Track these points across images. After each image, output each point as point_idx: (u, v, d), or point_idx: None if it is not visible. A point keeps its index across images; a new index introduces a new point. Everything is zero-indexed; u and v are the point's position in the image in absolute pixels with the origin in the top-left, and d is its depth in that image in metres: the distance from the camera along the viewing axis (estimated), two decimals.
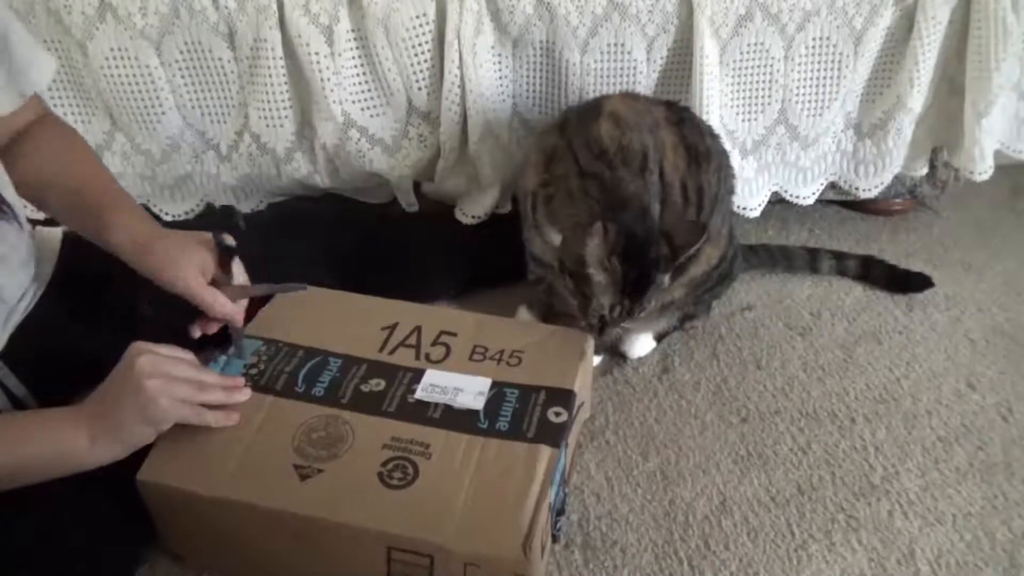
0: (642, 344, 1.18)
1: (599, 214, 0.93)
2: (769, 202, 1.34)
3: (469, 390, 0.88)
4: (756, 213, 1.32)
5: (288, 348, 0.93)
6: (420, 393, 0.87)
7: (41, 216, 1.27)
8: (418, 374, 0.90)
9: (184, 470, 0.80)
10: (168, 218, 1.32)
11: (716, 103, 1.19)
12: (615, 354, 1.18)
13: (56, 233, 1.03)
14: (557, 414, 0.85)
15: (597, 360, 1.17)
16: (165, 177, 1.28)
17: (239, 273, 0.92)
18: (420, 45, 1.15)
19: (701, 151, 1.05)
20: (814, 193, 1.35)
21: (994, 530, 0.91)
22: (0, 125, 0.89)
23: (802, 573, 0.87)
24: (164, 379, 0.77)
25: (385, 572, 0.77)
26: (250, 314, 0.95)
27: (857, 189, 1.34)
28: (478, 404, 0.86)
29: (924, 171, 1.36)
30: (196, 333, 0.90)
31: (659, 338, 1.19)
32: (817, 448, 1.02)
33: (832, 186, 1.36)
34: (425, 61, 1.16)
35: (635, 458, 1.02)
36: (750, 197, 1.31)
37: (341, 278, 1.08)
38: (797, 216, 1.48)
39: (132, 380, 0.76)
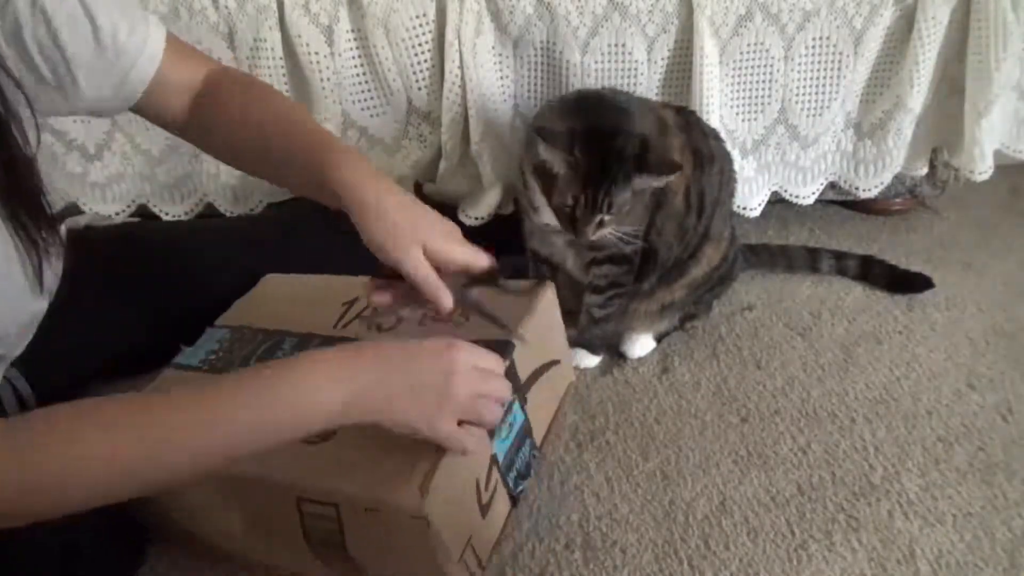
0: (642, 344, 1.18)
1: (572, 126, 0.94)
2: (769, 202, 1.34)
3: None
4: (756, 213, 1.32)
5: (251, 333, 0.95)
6: None
7: None
8: None
9: None
10: (168, 218, 1.32)
11: (716, 103, 1.19)
12: (615, 354, 1.18)
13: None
14: None
15: (597, 360, 1.17)
16: (165, 177, 1.28)
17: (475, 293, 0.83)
18: (420, 45, 1.15)
19: (705, 155, 1.06)
20: (814, 193, 1.35)
21: (994, 530, 0.91)
22: (160, 94, 0.82)
23: (802, 573, 0.87)
24: (474, 393, 0.70)
25: (299, 524, 0.76)
26: None
27: (857, 189, 1.34)
28: None
29: (924, 171, 1.36)
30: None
31: (659, 338, 1.19)
32: (817, 448, 1.02)
33: (832, 186, 1.36)
34: (425, 61, 1.16)
35: (635, 458, 1.02)
36: (750, 197, 1.31)
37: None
38: (797, 216, 1.48)
39: (441, 370, 0.68)
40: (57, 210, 1.27)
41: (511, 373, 0.85)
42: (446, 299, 0.76)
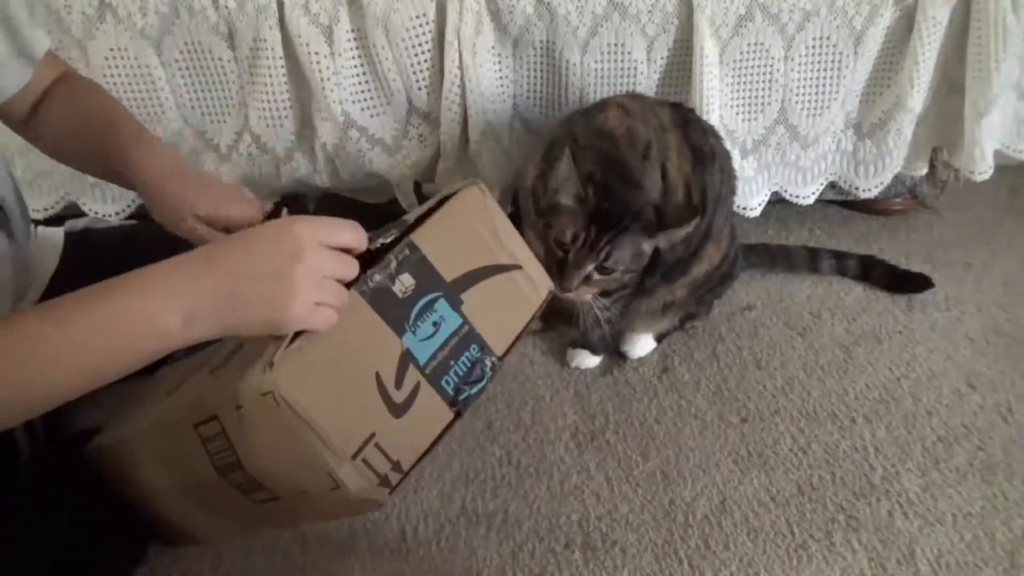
0: (642, 344, 1.18)
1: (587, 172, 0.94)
2: (769, 202, 1.34)
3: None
4: (756, 213, 1.32)
5: None
6: None
7: (42, 216, 1.28)
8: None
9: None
10: None
11: (716, 103, 1.19)
12: (615, 354, 1.18)
13: (58, 233, 1.03)
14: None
15: (597, 360, 1.17)
16: None
17: None
18: (420, 45, 1.15)
19: (705, 152, 1.06)
20: (814, 193, 1.35)
21: (994, 530, 0.91)
22: (19, 98, 0.86)
23: (802, 573, 0.87)
24: (322, 275, 0.63)
25: (205, 454, 0.72)
26: None
27: (857, 189, 1.34)
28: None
29: (924, 171, 1.36)
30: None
31: (659, 338, 1.19)
32: (817, 448, 1.02)
33: (832, 186, 1.36)
34: (425, 61, 1.16)
35: (635, 458, 1.02)
36: (750, 197, 1.31)
37: None
38: (797, 216, 1.48)
39: (284, 254, 0.61)
40: (57, 210, 1.28)
41: (426, 270, 0.77)
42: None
